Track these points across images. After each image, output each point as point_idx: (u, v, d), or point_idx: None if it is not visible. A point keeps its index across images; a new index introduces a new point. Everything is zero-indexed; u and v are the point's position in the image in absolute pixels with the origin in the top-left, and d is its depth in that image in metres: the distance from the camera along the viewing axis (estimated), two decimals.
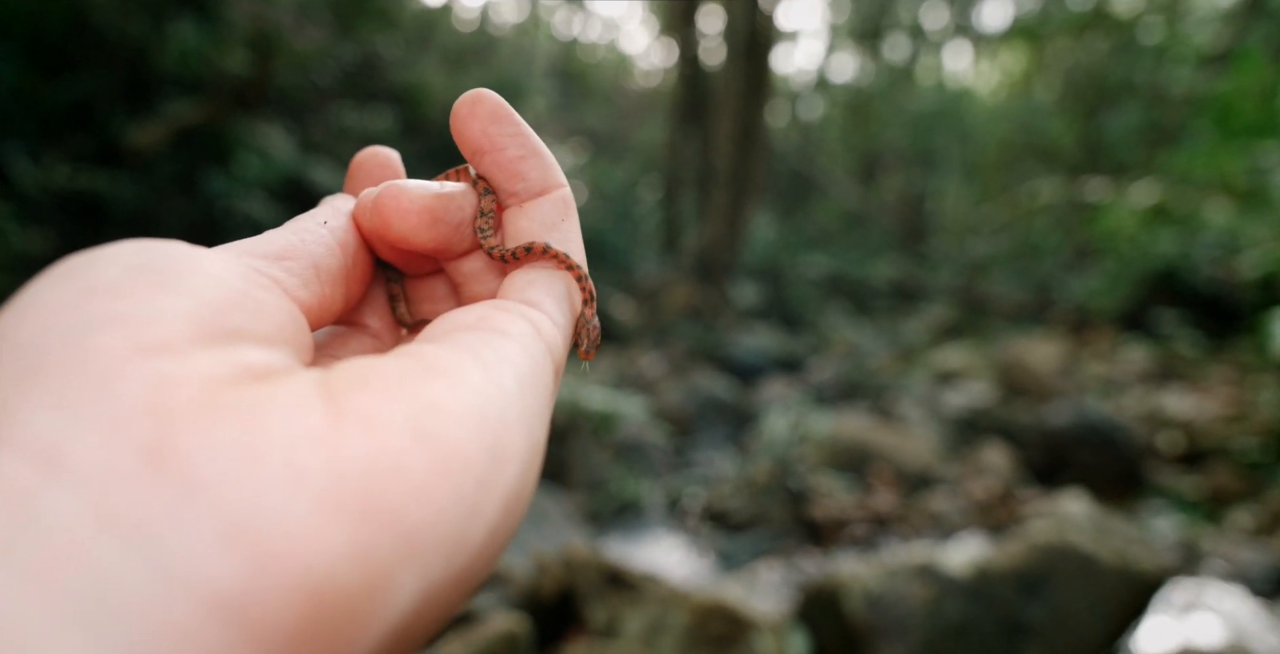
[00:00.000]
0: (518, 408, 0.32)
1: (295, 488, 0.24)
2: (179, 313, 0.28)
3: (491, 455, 0.29)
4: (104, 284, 0.28)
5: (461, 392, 0.30)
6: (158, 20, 5.47)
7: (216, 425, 0.24)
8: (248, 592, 0.22)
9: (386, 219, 0.40)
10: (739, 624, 2.14)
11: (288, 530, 0.23)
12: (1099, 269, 8.71)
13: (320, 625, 0.23)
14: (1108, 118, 12.03)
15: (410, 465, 0.26)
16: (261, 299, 0.32)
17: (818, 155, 16.58)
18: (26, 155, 4.75)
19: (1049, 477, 3.97)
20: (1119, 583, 2.43)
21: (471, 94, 0.42)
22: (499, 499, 0.29)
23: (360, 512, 0.24)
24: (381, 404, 0.27)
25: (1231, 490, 3.64)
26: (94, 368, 0.25)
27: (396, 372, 0.30)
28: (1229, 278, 6.42)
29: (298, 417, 0.26)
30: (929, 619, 2.33)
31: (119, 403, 0.24)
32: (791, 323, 9.75)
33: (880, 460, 3.93)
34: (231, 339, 0.29)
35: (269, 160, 5.97)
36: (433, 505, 0.26)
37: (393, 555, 0.25)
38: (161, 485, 0.23)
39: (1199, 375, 5.43)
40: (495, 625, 2.00)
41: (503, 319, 0.37)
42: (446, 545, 0.27)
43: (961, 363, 6.41)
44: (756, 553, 3.35)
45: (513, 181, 0.44)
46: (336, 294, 0.40)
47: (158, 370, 0.25)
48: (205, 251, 0.33)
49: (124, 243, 0.31)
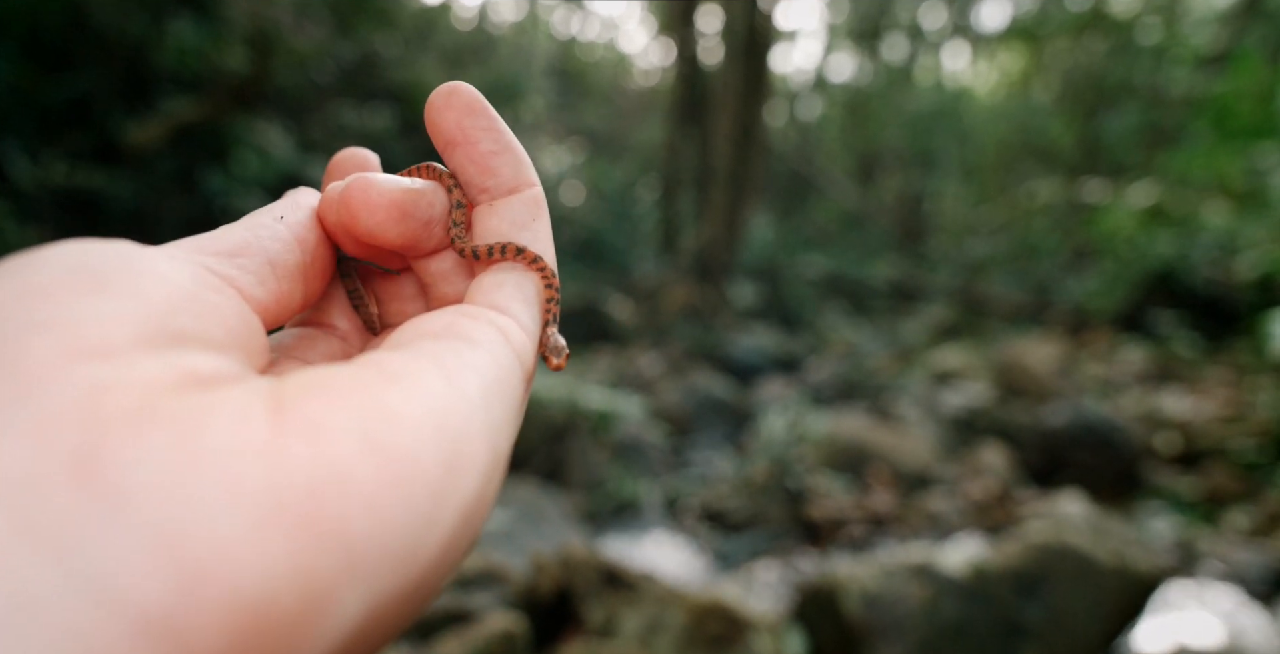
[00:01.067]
0: (481, 417, 0.31)
1: (231, 500, 0.22)
2: (117, 316, 0.26)
3: (448, 466, 0.28)
4: (39, 286, 0.26)
5: (419, 400, 0.28)
6: (156, 18, 5.46)
7: (150, 433, 0.23)
8: (177, 610, 0.21)
9: (354, 213, 0.39)
10: (736, 624, 2.14)
11: (220, 545, 0.22)
12: (1097, 270, 8.72)
13: (255, 645, 0.22)
14: (1106, 118, 12.04)
15: (357, 476, 0.25)
16: (211, 301, 0.31)
17: (816, 155, 16.58)
18: (25, 153, 4.74)
19: (1047, 477, 3.97)
20: (1116, 583, 2.43)
21: (447, 86, 0.42)
22: (455, 511, 0.28)
23: (300, 525, 0.23)
24: (329, 412, 0.26)
25: (1229, 491, 3.65)
26: (22, 374, 0.23)
27: (350, 379, 0.28)
28: (1227, 279, 6.42)
29: (238, 425, 0.24)
30: (926, 619, 2.34)
31: (46, 409, 0.23)
32: (790, 323, 9.75)
33: (878, 461, 3.94)
34: (176, 343, 0.27)
35: (267, 159, 5.97)
36: (380, 518, 0.25)
37: (335, 570, 0.23)
38: (87, 496, 0.21)
39: (1197, 376, 5.44)
40: (492, 625, 2.00)
41: (470, 326, 0.36)
42: (395, 559, 0.25)
43: (960, 363, 6.42)
44: (754, 553, 3.35)
45: (484, 177, 0.43)
46: (295, 291, 0.39)
47: (91, 376, 0.24)
48: (153, 251, 0.31)
49: (66, 242, 0.29)
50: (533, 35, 15.64)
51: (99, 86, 5.28)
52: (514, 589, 2.36)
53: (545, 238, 0.44)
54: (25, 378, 0.23)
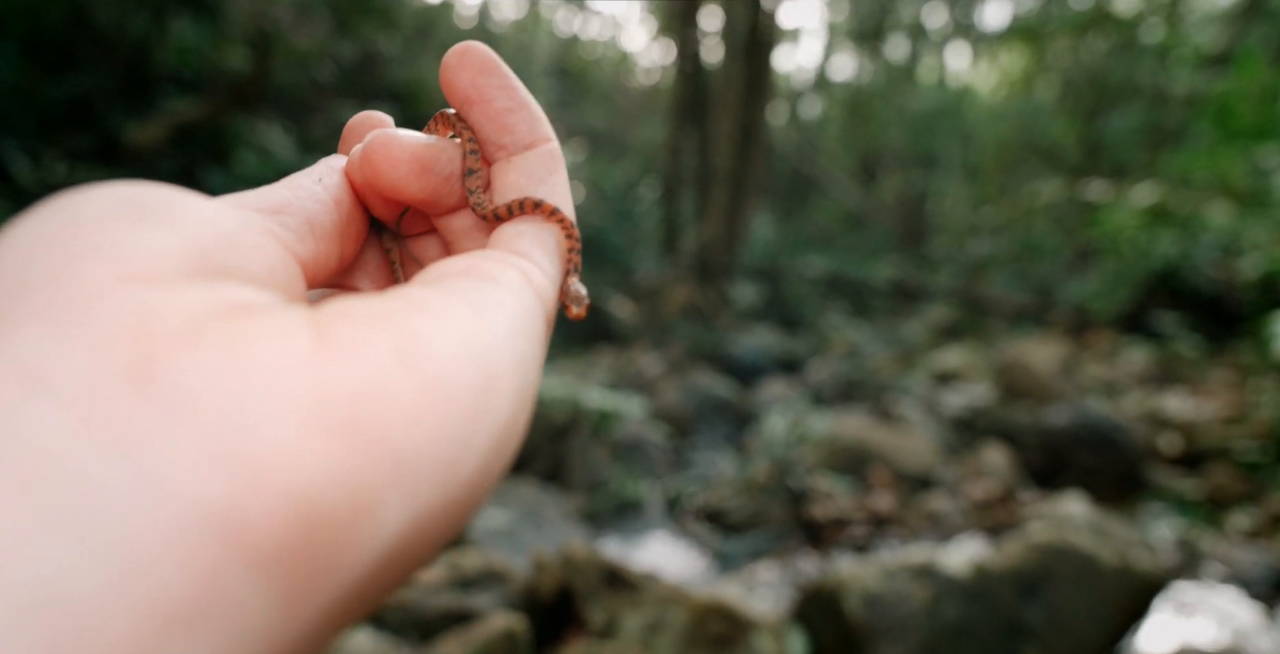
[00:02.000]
0: (509, 349, 0.32)
1: (280, 407, 0.23)
2: (164, 247, 0.27)
3: (482, 389, 0.29)
4: (91, 217, 0.28)
5: (450, 329, 0.30)
6: (158, 17, 5.46)
7: (201, 350, 0.24)
8: (234, 505, 0.21)
9: (376, 167, 0.40)
10: (738, 624, 2.13)
11: (274, 447, 0.23)
12: (1099, 271, 8.71)
13: (308, 544, 0.23)
14: (1109, 118, 12.03)
15: (397, 391, 0.26)
16: (255, 242, 0.32)
17: (818, 155, 16.58)
18: (25, 152, 4.74)
19: (1048, 478, 3.97)
20: (1118, 584, 2.43)
21: (461, 45, 0.42)
22: (489, 433, 0.29)
23: (347, 433, 0.24)
24: (367, 334, 0.27)
25: (1231, 492, 3.64)
26: (78, 294, 0.25)
27: (384, 308, 0.29)
28: (1230, 280, 6.42)
29: (282, 343, 0.25)
30: (928, 620, 2.33)
31: (102, 327, 0.24)
32: (791, 323, 9.75)
33: (879, 461, 3.93)
34: (220, 276, 0.28)
35: (268, 157, 5.97)
36: (421, 431, 0.26)
37: (381, 478, 0.24)
38: (145, 401, 0.22)
39: (1199, 377, 5.43)
40: (494, 624, 2.00)
41: (492, 268, 0.36)
42: (437, 472, 0.26)
43: (961, 364, 6.41)
44: (755, 553, 3.34)
45: (501, 134, 0.44)
46: (331, 252, 0.39)
47: (141, 299, 0.25)
48: (199, 196, 0.32)
49: (114, 183, 0.30)
50: (534, 34, 15.65)
51: (100, 86, 5.28)
52: (515, 589, 2.35)
53: (563, 191, 0.44)
54: (81, 299, 0.24)
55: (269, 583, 0.22)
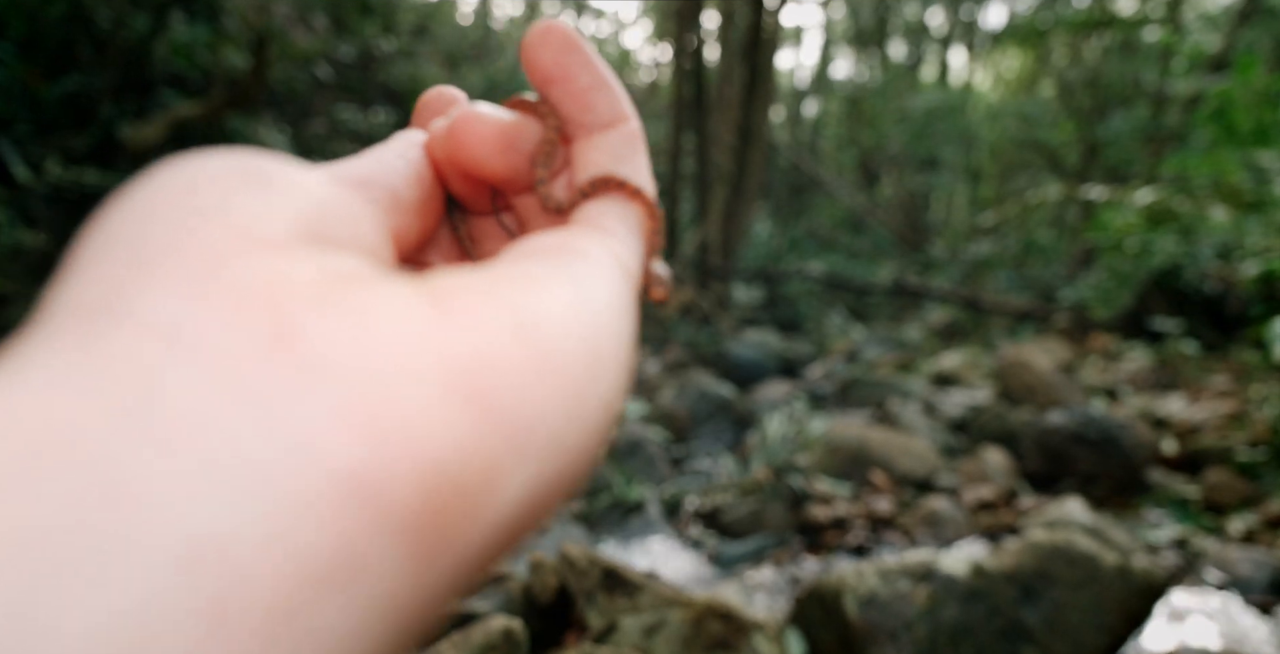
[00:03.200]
0: (609, 323, 0.32)
1: (410, 376, 0.24)
2: (285, 212, 0.28)
3: (590, 362, 0.29)
4: (211, 179, 0.28)
5: (559, 302, 0.30)
6: (157, 17, 5.45)
7: (331, 315, 0.25)
8: (373, 471, 0.22)
9: (461, 142, 0.40)
10: (737, 626, 2.12)
11: (409, 415, 0.23)
12: (1099, 273, 8.71)
13: (438, 511, 0.23)
14: (1109, 120, 12.03)
15: (515, 364, 0.26)
16: (359, 213, 0.33)
17: (818, 156, 16.57)
18: (23, 151, 4.73)
19: (1049, 481, 3.96)
20: (1119, 587, 2.42)
21: (543, 23, 0.42)
22: (596, 405, 0.29)
23: (474, 403, 0.25)
24: (483, 305, 0.28)
25: (1231, 495, 3.63)
26: (208, 254, 0.25)
27: (489, 281, 0.30)
28: (1230, 283, 6.41)
29: (406, 312, 0.26)
30: (927, 622, 2.32)
31: (235, 288, 0.24)
32: (790, 325, 9.75)
33: (879, 464, 3.92)
34: (332, 244, 0.29)
35: None
36: (537, 404, 0.26)
37: (502, 449, 0.25)
38: (283, 363, 0.23)
39: (1199, 380, 5.42)
40: (491, 626, 1.99)
41: (583, 244, 0.36)
42: (549, 445, 0.27)
43: (961, 366, 6.41)
44: (754, 555, 3.33)
45: (583, 113, 0.43)
46: (413, 225, 0.39)
47: (269, 261, 0.26)
48: (298, 165, 0.32)
49: (221, 152, 0.31)
50: None
51: (98, 85, 5.27)
52: (512, 591, 2.34)
53: (644, 171, 0.44)
54: (211, 259, 0.25)
55: (402, 547, 0.22)
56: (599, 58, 0.43)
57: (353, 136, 7.26)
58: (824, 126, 18.19)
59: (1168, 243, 6.86)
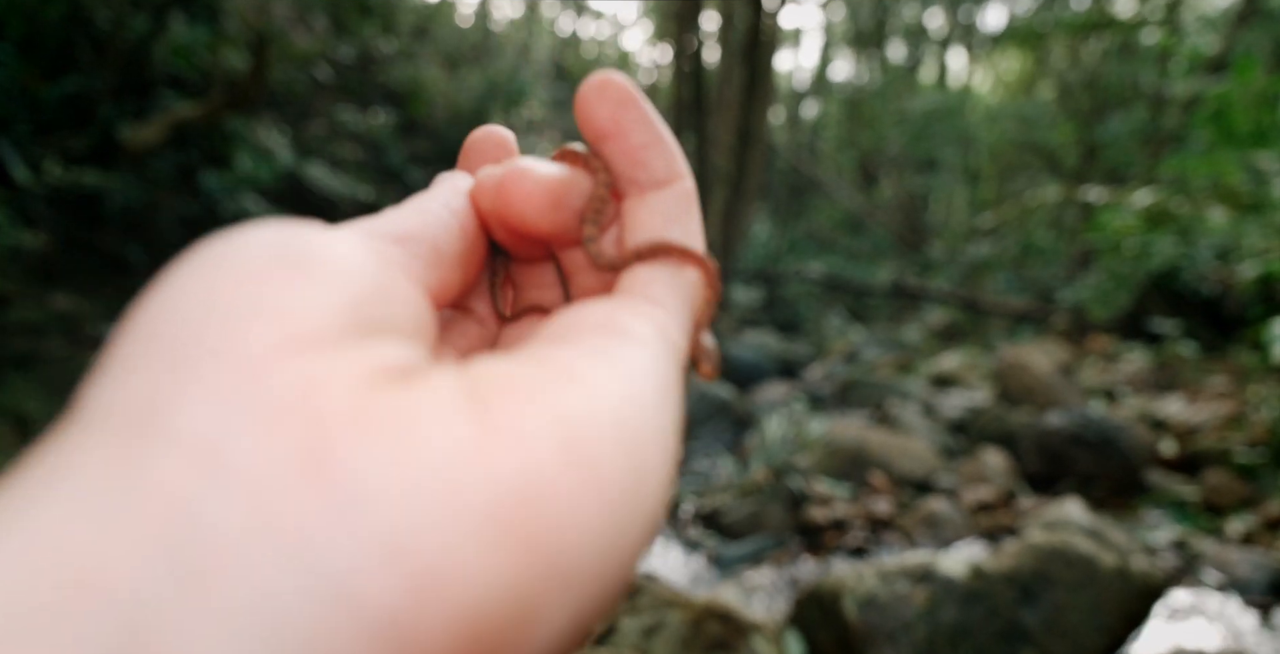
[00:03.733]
0: (655, 420, 0.30)
1: (450, 508, 0.23)
2: (326, 304, 0.27)
3: (636, 472, 0.28)
4: (251, 270, 0.27)
5: (603, 402, 0.28)
6: (156, 18, 5.45)
7: (369, 433, 0.24)
8: (406, 614, 0.21)
9: (510, 200, 0.39)
10: (736, 628, 2.12)
11: (444, 552, 0.22)
12: (1098, 274, 8.72)
13: (475, 651, 0.22)
14: (1108, 121, 12.04)
15: (561, 483, 0.25)
16: (399, 290, 0.32)
17: (817, 157, 16.59)
18: (22, 152, 4.73)
19: (1047, 482, 3.96)
20: (1118, 588, 2.42)
21: (599, 77, 0.41)
22: (643, 517, 0.28)
23: (514, 535, 0.23)
24: (527, 414, 0.26)
25: (1230, 496, 3.64)
26: (247, 359, 0.24)
27: (535, 378, 0.28)
28: (1229, 285, 6.42)
29: (447, 426, 0.25)
30: (926, 623, 2.32)
31: (273, 400, 0.23)
32: (790, 326, 9.75)
33: (878, 465, 3.92)
34: (374, 332, 0.28)
35: (266, 158, 5.96)
36: (583, 527, 0.25)
37: (545, 585, 0.24)
38: (320, 494, 0.22)
39: (1197, 381, 5.43)
40: None
41: (628, 320, 0.35)
42: (594, 569, 0.26)
43: (960, 367, 6.41)
44: (754, 556, 3.34)
45: (636, 170, 0.42)
46: (455, 279, 0.39)
47: (309, 366, 0.25)
48: (341, 236, 0.32)
49: (262, 227, 0.30)
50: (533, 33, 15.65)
51: (97, 86, 5.26)
52: None
53: (696, 232, 0.43)
54: (250, 365, 0.24)
55: None
56: (655, 113, 0.41)
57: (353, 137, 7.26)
58: (823, 128, 18.21)
59: (1166, 245, 6.86)
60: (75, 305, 4.76)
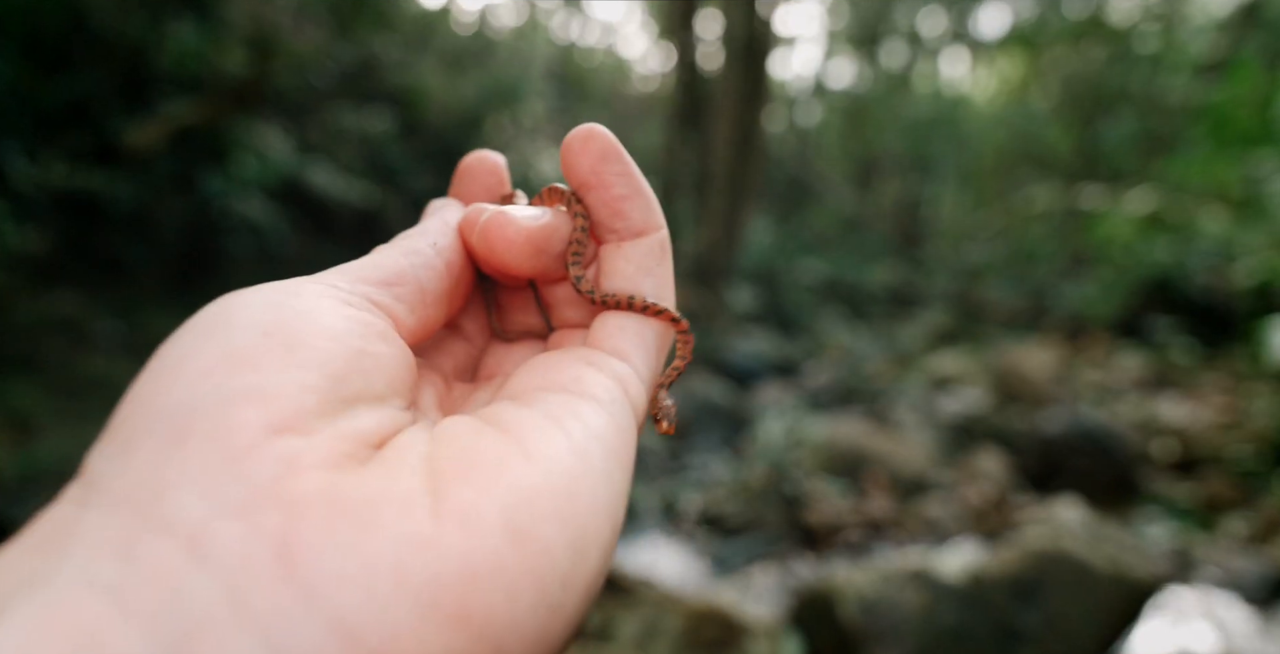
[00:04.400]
0: (604, 489, 0.33)
1: (402, 592, 0.26)
2: (306, 386, 0.30)
3: (578, 551, 0.31)
4: (240, 351, 0.30)
5: (554, 478, 0.31)
6: (156, 20, 5.46)
7: (335, 521, 0.26)
8: None
9: (492, 247, 0.42)
10: (733, 629, 2.13)
11: (392, 634, 0.25)
12: (1094, 276, 8.73)
13: None
14: (1104, 126, 12.07)
15: (502, 567, 0.28)
16: (378, 354, 0.34)
17: (815, 160, 16.61)
18: (23, 154, 4.73)
19: (1043, 483, 3.97)
20: (1113, 590, 2.43)
21: (584, 130, 0.43)
22: (580, 593, 0.31)
23: (455, 619, 0.26)
24: (480, 499, 0.29)
25: (1225, 498, 3.65)
26: (233, 447, 0.27)
27: (493, 455, 0.31)
28: (1224, 286, 6.44)
29: (405, 514, 0.28)
30: (923, 625, 2.33)
31: (253, 488, 0.26)
32: (788, 327, 9.75)
33: (875, 466, 3.93)
34: (349, 404, 0.31)
35: (266, 161, 5.97)
36: (520, 608, 0.28)
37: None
38: (287, 581, 0.25)
39: (1193, 383, 5.44)
40: None
41: (593, 381, 0.38)
42: (529, 643, 0.28)
43: (957, 369, 6.42)
44: (751, 557, 3.34)
45: (614, 220, 0.44)
46: (439, 315, 0.42)
47: (286, 451, 0.28)
48: (327, 301, 0.35)
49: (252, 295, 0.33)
50: (532, 40, 15.66)
51: (98, 87, 5.27)
52: None
53: (667, 282, 0.46)
54: (233, 450, 0.27)
55: None
56: (634, 166, 0.44)
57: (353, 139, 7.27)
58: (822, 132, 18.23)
59: (1161, 248, 6.88)
60: (76, 306, 4.77)
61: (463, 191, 0.49)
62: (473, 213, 0.44)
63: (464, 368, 0.48)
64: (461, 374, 0.47)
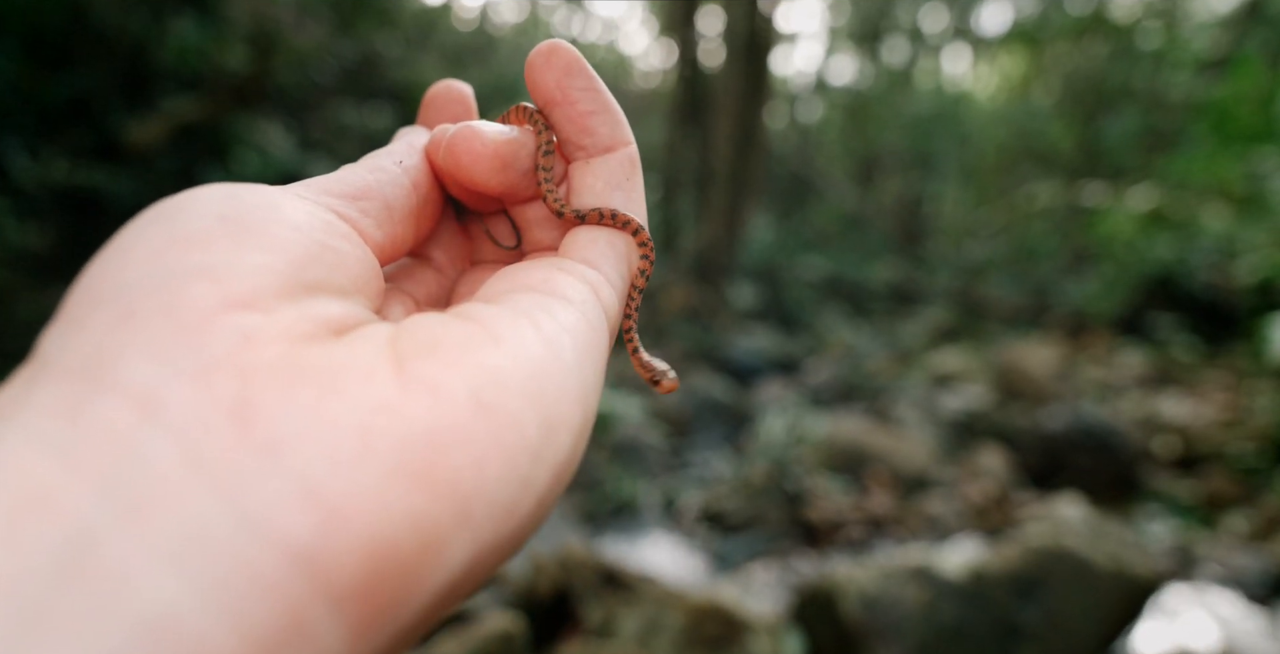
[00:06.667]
0: (574, 379, 0.33)
1: (365, 452, 0.25)
2: (264, 267, 0.29)
3: (546, 427, 0.30)
4: (194, 234, 0.29)
5: (521, 362, 0.31)
6: (157, 16, 5.45)
7: (296, 386, 0.26)
8: (320, 546, 0.23)
9: (458, 161, 0.41)
10: (734, 625, 2.14)
11: (358, 492, 0.24)
12: (1096, 273, 8.73)
13: (380, 582, 0.24)
14: (1106, 122, 12.05)
15: (470, 436, 0.27)
16: (340, 250, 0.33)
17: (816, 157, 16.59)
18: (25, 150, 4.74)
19: (1045, 480, 3.98)
20: (1114, 587, 2.43)
21: (547, 44, 0.42)
22: (550, 470, 0.30)
23: (422, 479, 0.26)
24: (445, 372, 0.29)
25: (1227, 495, 3.65)
26: (185, 319, 0.26)
27: (459, 339, 0.31)
28: (1226, 283, 6.43)
29: (369, 381, 0.27)
30: (924, 621, 2.34)
31: (208, 356, 0.26)
32: (789, 324, 9.75)
33: (877, 462, 3.94)
34: (311, 292, 0.30)
35: (268, 157, 5.96)
36: (488, 476, 0.27)
37: (448, 522, 0.26)
38: (246, 442, 0.24)
39: (1195, 380, 5.44)
40: (491, 624, 2.00)
41: (564, 282, 0.38)
42: (498, 514, 0.28)
43: (958, 366, 6.42)
44: (752, 554, 3.35)
45: (581, 136, 0.44)
46: (407, 233, 0.41)
47: (243, 325, 0.27)
48: (288, 198, 0.34)
49: (212, 187, 0.32)
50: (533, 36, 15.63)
51: (99, 84, 5.27)
52: (512, 589, 2.36)
53: (639, 198, 0.45)
54: (188, 324, 0.26)
55: (344, 617, 0.24)
56: (600, 82, 0.43)
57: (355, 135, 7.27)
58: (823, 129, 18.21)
59: (1163, 245, 6.87)
60: None
61: (429, 121, 0.49)
62: (438, 132, 0.43)
63: (436, 297, 0.46)
64: (433, 302, 0.46)
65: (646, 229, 0.44)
